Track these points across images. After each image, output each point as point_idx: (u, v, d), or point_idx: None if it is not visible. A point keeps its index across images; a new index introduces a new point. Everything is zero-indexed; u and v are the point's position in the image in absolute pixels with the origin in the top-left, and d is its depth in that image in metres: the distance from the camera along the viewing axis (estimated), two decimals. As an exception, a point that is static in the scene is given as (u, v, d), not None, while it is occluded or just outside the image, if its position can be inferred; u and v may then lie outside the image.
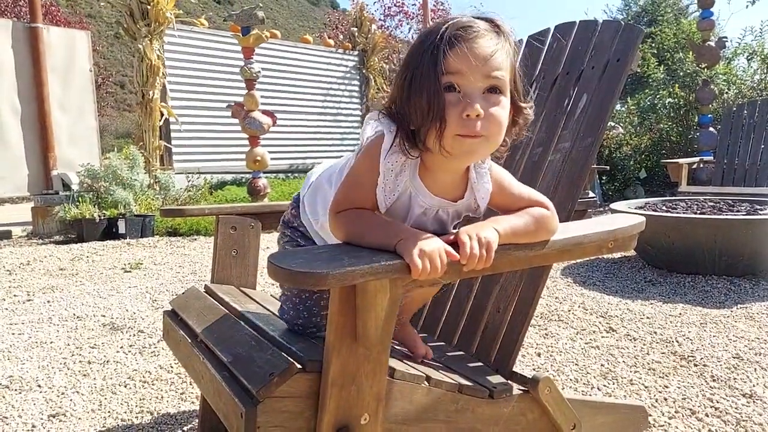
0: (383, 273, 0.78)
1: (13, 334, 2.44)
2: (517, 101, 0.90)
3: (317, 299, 1.09)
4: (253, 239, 1.61)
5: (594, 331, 2.28)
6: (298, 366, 0.88)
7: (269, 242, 4.67)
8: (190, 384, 1.82)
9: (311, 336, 1.08)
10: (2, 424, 1.65)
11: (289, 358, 0.91)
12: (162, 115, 6.24)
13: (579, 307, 2.63)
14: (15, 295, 3.10)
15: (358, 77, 8.87)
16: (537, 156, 1.50)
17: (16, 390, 1.86)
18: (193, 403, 1.70)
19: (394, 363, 0.96)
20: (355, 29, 9.05)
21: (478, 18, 0.87)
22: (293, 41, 8.55)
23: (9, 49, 5.73)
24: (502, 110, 0.85)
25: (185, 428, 1.55)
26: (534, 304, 1.25)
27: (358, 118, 8.92)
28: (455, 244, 0.82)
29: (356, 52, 8.85)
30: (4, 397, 1.81)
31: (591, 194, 5.28)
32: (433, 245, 0.78)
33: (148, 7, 6.24)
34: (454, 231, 0.86)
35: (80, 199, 4.99)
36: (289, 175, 7.70)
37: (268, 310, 1.31)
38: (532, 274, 1.27)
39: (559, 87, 1.52)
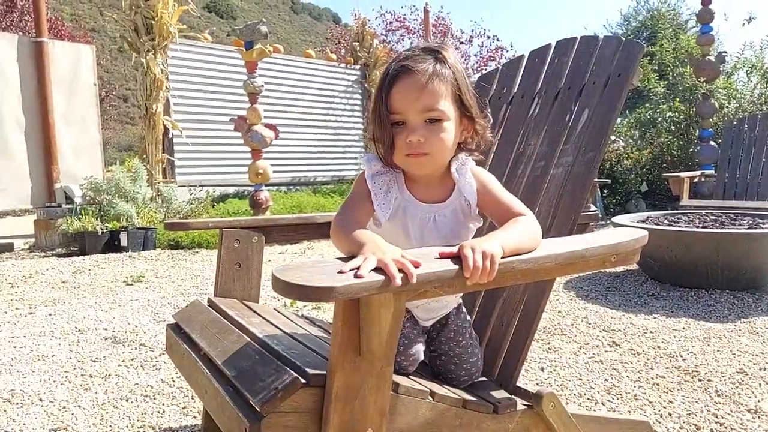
0: (387, 287, 0.78)
1: (15, 347, 2.43)
2: (469, 116, 1.06)
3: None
4: (257, 253, 1.61)
5: (597, 346, 2.27)
6: (302, 380, 0.88)
7: (272, 255, 4.67)
8: (192, 398, 1.81)
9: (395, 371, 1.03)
10: (3, 438, 1.64)
11: (293, 372, 0.91)
12: (165, 128, 6.28)
13: (582, 321, 2.63)
14: (17, 308, 3.10)
15: (360, 91, 8.93)
16: (539, 170, 1.51)
17: (17, 404, 1.85)
18: (195, 417, 1.69)
19: (397, 378, 0.96)
20: (357, 44, 9.13)
21: (423, 50, 1.04)
22: (296, 55, 8.63)
23: (14, 63, 5.79)
24: (443, 133, 1.02)
25: (187, 443, 1.55)
26: (537, 319, 1.25)
27: (360, 132, 8.96)
28: (458, 258, 0.83)
29: (358, 67, 8.92)
30: (5, 411, 1.80)
31: (593, 208, 5.28)
32: (389, 256, 0.78)
33: (153, 22, 6.30)
34: (456, 245, 0.87)
35: (83, 211, 5.00)
36: (291, 188, 7.72)
37: (272, 323, 1.31)
38: (535, 289, 1.28)
39: (561, 102, 1.53)
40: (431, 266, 0.81)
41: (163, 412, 1.74)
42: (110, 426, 1.66)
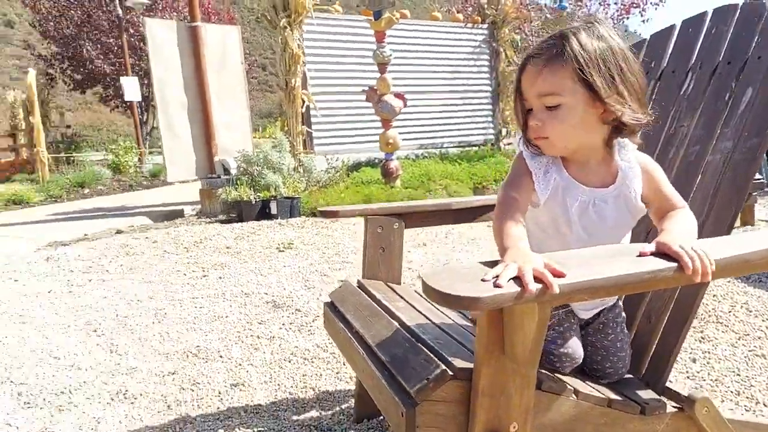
0: (522, 297, 0.81)
1: (196, 307, 2.87)
2: (599, 98, 1.02)
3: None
4: (398, 238, 1.74)
5: (760, 337, 2.08)
6: (450, 373, 0.97)
7: (412, 239, 4.85)
8: (344, 365, 2.03)
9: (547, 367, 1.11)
10: (195, 387, 1.99)
11: (441, 364, 1.00)
12: (303, 101, 6.69)
13: (741, 307, 2.40)
14: (193, 271, 3.62)
15: (487, 51, 8.64)
16: (693, 155, 1.41)
17: (202, 359, 2.22)
18: (347, 383, 1.90)
19: (542, 374, 1.01)
20: (485, 1, 8.77)
21: (552, 36, 1.05)
22: (422, 19, 8.56)
23: (175, 48, 6.49)
24: (560, 117, 1.04)
25: (343, 406, 1.75)
26: (690, 318, 1.20)
27: (488, 94, 8.71)
28: (663, 256, 0.86)
29: (486, 26, 8.60)
30: (194, 364, 2.17)
31: (758, 176, 4.66)
32: (529, 265, 0.81)
33: (289, -1, 6.66)
34: (646, 244, 0.90)
35: (238, 182, 5.60)
36: (419, 155, 7.83)
37: (416, 308, 1.42)
38: (689, 286, 1.22)
39: (719, 79, 1.40)
40: (576, 275, 0.83)
41: (320, 375, 1.97)
42: (278, 384, 1.93)
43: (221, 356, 2.23)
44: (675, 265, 0.84)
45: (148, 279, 3.46)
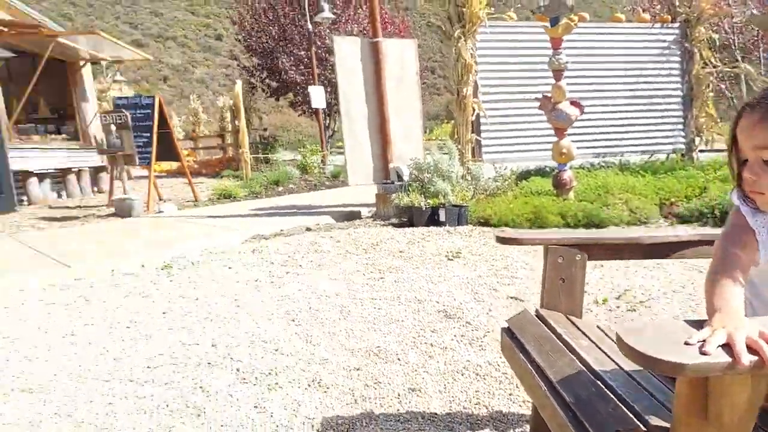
0: (733, 368, 0.79)
1: (375, 308, 3.16)
2: None
3: None
4: (579, 270, 1.74)
5: None
6: (643, 428, 0.99)
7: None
8: (517, 386, 2.09)
9: None
10: (377, 386, 2.22)
11: (633, 418, 1.03)
12: (473, 110, 6.79)
13: None
14: (371, 272, 3.96)
15: (678, 52, 7.80)
16: None
17: (382, 359, 2.46)
18: (520, 406, 1.96)
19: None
20: (677, -2, 7.94)
21: None
22: (603, 21, 8.05)
23: (358, 62, 7.06)
24: None
25: (517, 430, 1.82)
26: None
27: (678, 98, 7.86)
28: None
29: (677, 24, 7.78)
30: (376, 363, 2.41)
31: None
32: (741, 332, 0.78)
33: (464, 9, 6.80)
34: None
35: (410, 188, 5.91)
36: (595, 164, 7.40)
37: (601, 349, 1.43)
38: None
39: None
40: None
41: (493, 394, 2.06)
42: (453, 396, 2.07)
43: (399, 359, 2.44)
44: None
45: (333, 276, 3.88)
